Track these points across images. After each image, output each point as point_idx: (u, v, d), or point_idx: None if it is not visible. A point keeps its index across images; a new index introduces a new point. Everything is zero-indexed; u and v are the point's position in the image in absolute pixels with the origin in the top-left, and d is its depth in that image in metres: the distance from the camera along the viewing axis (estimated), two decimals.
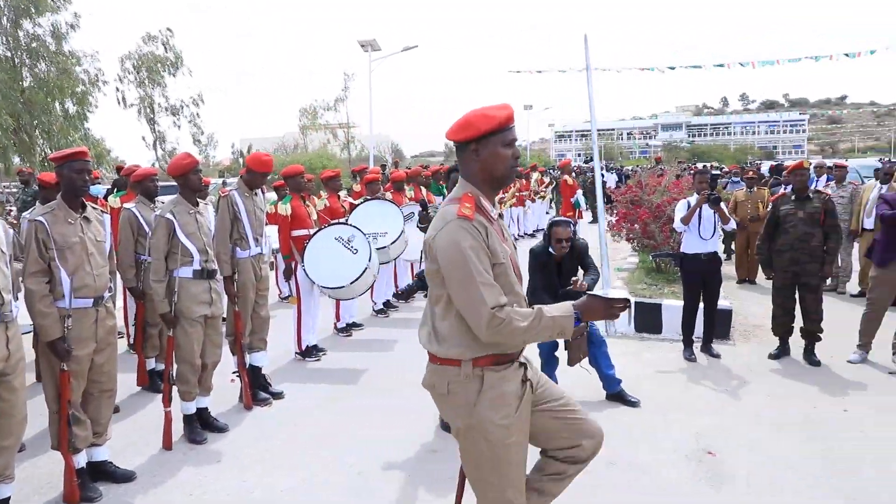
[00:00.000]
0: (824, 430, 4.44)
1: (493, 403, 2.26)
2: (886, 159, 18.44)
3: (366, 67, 25.43)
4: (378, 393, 5.30)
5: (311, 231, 6.14)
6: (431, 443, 4.34)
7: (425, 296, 4.59)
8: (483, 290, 2.12)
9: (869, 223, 8.08)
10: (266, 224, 5.31)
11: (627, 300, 2.26)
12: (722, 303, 6.92)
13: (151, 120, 31.82)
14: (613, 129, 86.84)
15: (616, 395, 4.99)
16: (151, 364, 5.48)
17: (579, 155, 64.84)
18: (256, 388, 5.12)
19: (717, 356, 6.05)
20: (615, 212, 10.32)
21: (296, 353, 6.24)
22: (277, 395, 5.19)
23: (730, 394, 5.18)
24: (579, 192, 12.16)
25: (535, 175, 16.51)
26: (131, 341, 5.99)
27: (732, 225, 6.42)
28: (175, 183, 4.47)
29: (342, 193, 8.02)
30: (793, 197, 6.06)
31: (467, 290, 2.14)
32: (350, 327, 7.26)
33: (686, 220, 5.99)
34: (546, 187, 16.80)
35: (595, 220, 17.70)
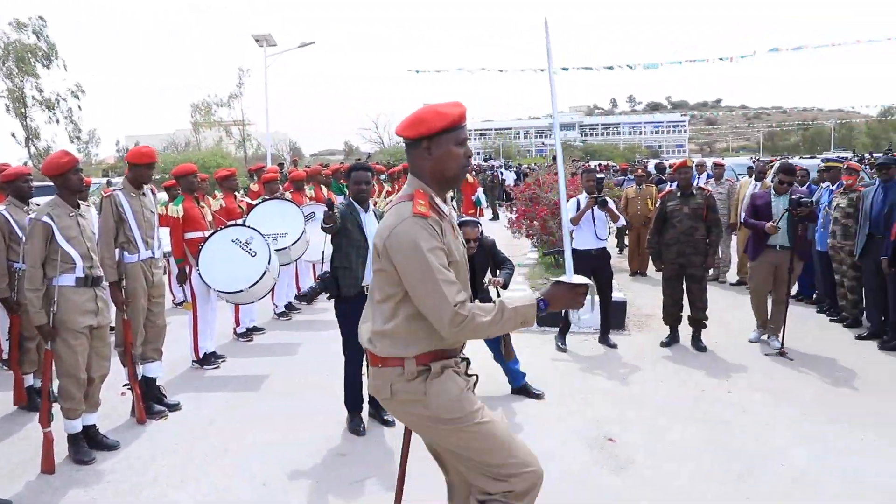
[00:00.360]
0: (712, 413, 4.74)
1: (442, 390, 2.22)
2: (758, 158, 19.99)
3: (261, 63, 24.58)
4: (281, 397, 5.14)
5: (206, 233, 5.87)
6: (339, 446, 4.25)
7: (329, 297, 4.52)
8: (444, 287, 2.08)
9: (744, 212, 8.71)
10: (158, 226, 5.02)
11: (587, 285, 2.25)
12: (617, 295, 7.27)
13: (23, 114, 29.26)
14: (511, 128, 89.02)
15: (521, 388, 5.10)
16: (30, 381, 5.05)
17: (478, 153, 65.98)
18: (150, 400, 4.83)
19: (614, 346, 6.34)
20: (514, 209, 10.58)
21: (193, 361, 5.94)
22: (173, 407, 4.92)
23: (626, 382, 5.43)
24: (480, 189, 12.35)
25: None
26: (5, 357, 5.48)
27: (622, 221, 6.76)
28: (51, 183, 4.12)
29: (238, 193, 7.72)
30: (678, 193, 6.44)
31: (428, 289, 2.09)
32: (250, 332, 7.01)
33: (575, 221, 6.24)
34: None
35: (496, 216, 18.14)
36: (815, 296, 8.02)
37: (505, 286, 5.05)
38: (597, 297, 1.84)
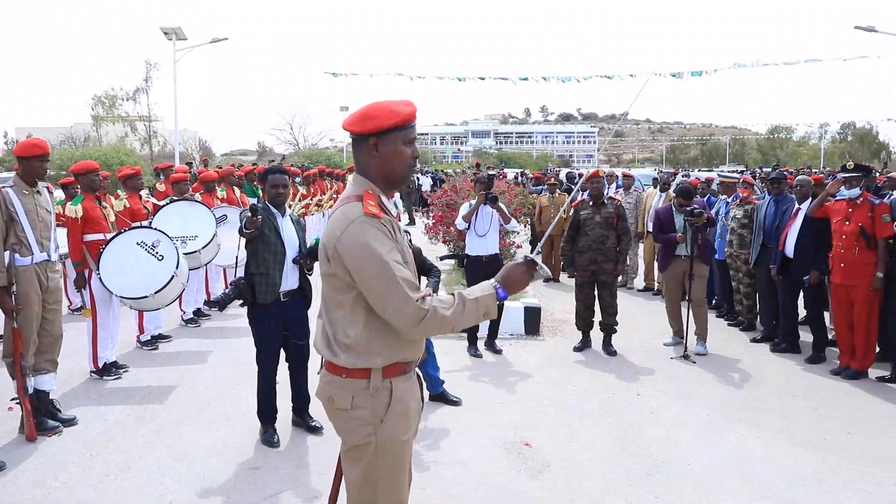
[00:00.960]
0: (622, 415, 4.91)
1: (400, 418, 2.13)
2: (661, 170, 21.03)
3: (170, 57, 23.50)
4: (189, 409, 4.90)
5: (108, 235, 5.52)
6: (251, 459, 4.09)
7: (241, 304, 4.35)
8: (404, 286, 1.99)
9: (651, 226, 9.11)
10: (56, 226, 4.68)
11: (534, 260, 2.20)
12: (531, 301, 7.44)
13: None
14: (427, 134, 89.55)
15: (439, 395, 5.09)
16: None
17: None
18: (43, 415, 4.47)
19: (499, 351, 6.42)
20: (431, 215, 10.62)
21: (91, 371, 5.56)
22: (69, 422, 4.58)
23: (541, 386, 5.54)
24: (396, 195, 12.27)
25: (350, 177, 16.44)
26: None
27: (514, 225, 6.97)
28: None
29: (144, 193, 7.33)
30: (590, 203, 6.66)
31: (387, 290, 1.99)
32: (156, 339, 6.65)
33: (467, 218, 6.37)
34: None
35: (412, 222, 18.17)
36: (713, 301, 8.49)
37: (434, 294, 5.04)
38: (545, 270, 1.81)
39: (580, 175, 12.50)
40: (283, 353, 4.44)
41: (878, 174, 9.15)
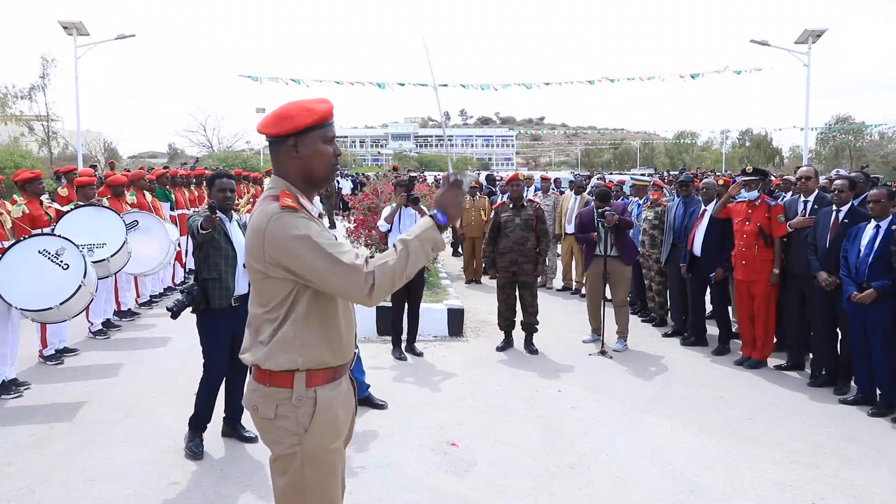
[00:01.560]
0: (545, 411, 5.05)
1: (325, 428, 2.08)
2: (578, 173, 21.75)
3: (71, 53, 22.18)
4: (100, 426, 4.64)
5: (5, 244, 5.17)
6: (171, 475, 3.93)
7: (193, 311, 4.17)
8: (343, 258, 1.95)
9: (570, 228, 9.40)
10: None
11: (459, 179, 2.15)
12: (454, 303, 7.52)
13: None
14: (347, 137, 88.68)
15: (365, 399, 5.07)
16: None
17: None
18: None
19: (420, 354, 6.48)
20: (352, 218, 10.54)
21: None
22: None
23: (466, 386, 5.61)
24: (317, 198, 12.12)
25: (268, 181, 16.08)
26: None
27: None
28: None
29: (45, 198, 6.89)
30: (510, 205, 6.81)
31: (330, 267, 1.94)
32: (61, 353, 6.26)
33: (389, 219, 6.43)
34: None
35: (332, 225, 17.94)
36: (628, 298, 8.85)
37: None
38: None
39: (500, 178, 12.72)
40: None
41: (773, 178, 9.81)
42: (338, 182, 22.11)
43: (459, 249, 12.26)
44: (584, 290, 8.51)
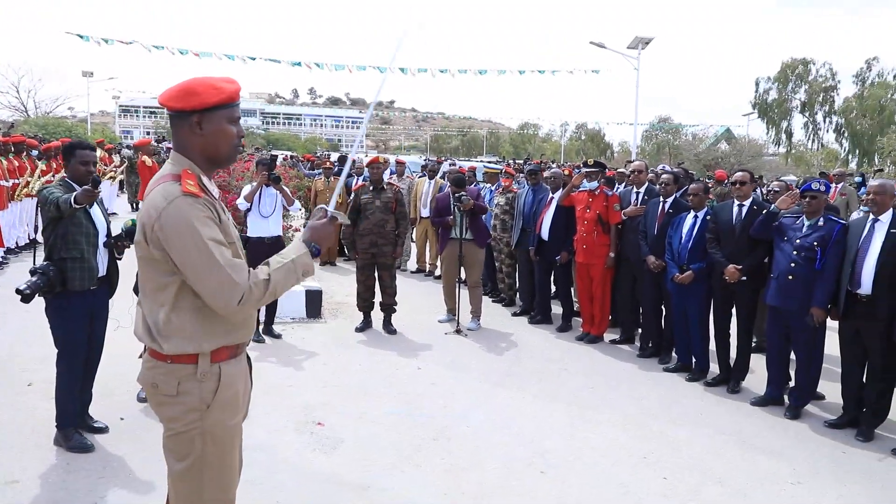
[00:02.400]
0: (406, 389, 5.23)
1: (227, 403, 2.07)
2: (428, 158, 22.20)
3: None
4: None
5: None
6: (7, 471, 3.59)
7: (45, 294, 3.75)
8: (226, 268, 1.92)
9: (425, 212, 9.64)
10: None
11: (336, 216, 2.21)
12: (312, 284, 7.46)
13: None
14: None
15: None
16: None
17: (149, 133, 60.07)
18: None
19: (279, 336, 6.41)
20: None
21: None
22: None
23: (328, 367, 5.64)
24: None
25: (99, 152, 14.74)
26: None
27: (297, 207, 7.03)
28: None
29: None
30: (370, 188, 6.88)
31: (208, 272, 1.91)
32: None
33: (249, 198, 6.30)
34: (116, 168, 15.15)
35: None
36: (481, 280, 9.28)
37: None
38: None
39: (353, 160, 12.68)
40: None
41: (608, 169, 10.72)
42: None
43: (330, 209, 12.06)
44: (437, 273, 8.81)
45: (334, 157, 21.61)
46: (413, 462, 3.99)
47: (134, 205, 14.90)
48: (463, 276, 7.28)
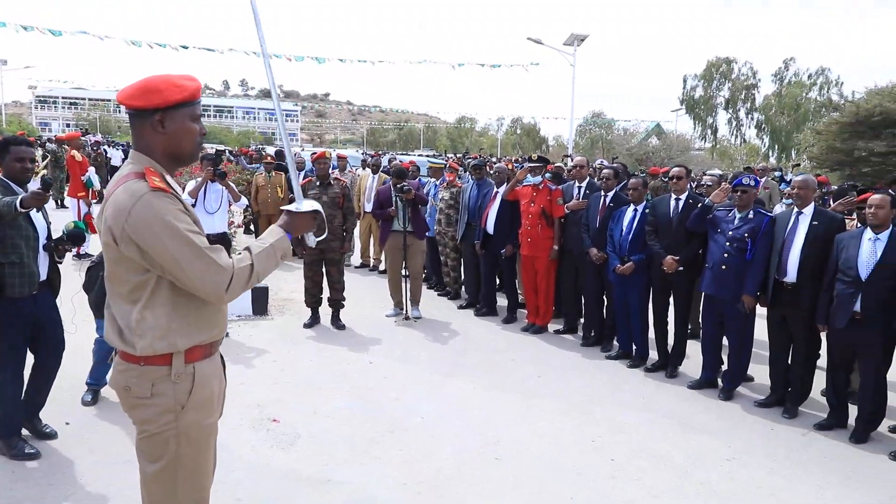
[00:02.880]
0: (358, 383, 5.26)
1: (202, 404, 2.07)
2: (365, 152, 22.08)
3: None
4: None
5: None
6: None
7: None
8: (208, 253, 1.93)
9: (368, 207, 9.64)
10: None
11: (319, 210, 2.26)
12: None
13: None
14: (109, 100, 79.20)
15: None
16: None
17: (69, 125, 57.24)
18: None
19: (226, 335, 6.34)
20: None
21: None
22: None
23: (278, 364, 5.61)
24: (91, 169, 10.86)
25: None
26: None
27: (243, 203, 6.97)
28: None
29: None
30: (318, 183, 6.85)
31: (192, 262, 1.91)
32: None
33: (193, 194, 6.21)
34: (37, 163, 14.41)
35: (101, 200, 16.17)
36: (424, 274, 9.37)
37: None
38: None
39: (295, 154, 12.51)
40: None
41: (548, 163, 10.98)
42: (106, 151, 19.88)
43: (251, 227, 11.86)
44: (382, 267, 8.83)
45: (270, 150, 21.23)
46: (370, 454, 4.04)
47: (59, 202, 14.22)
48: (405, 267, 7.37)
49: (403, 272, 7.23)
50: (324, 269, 6.85)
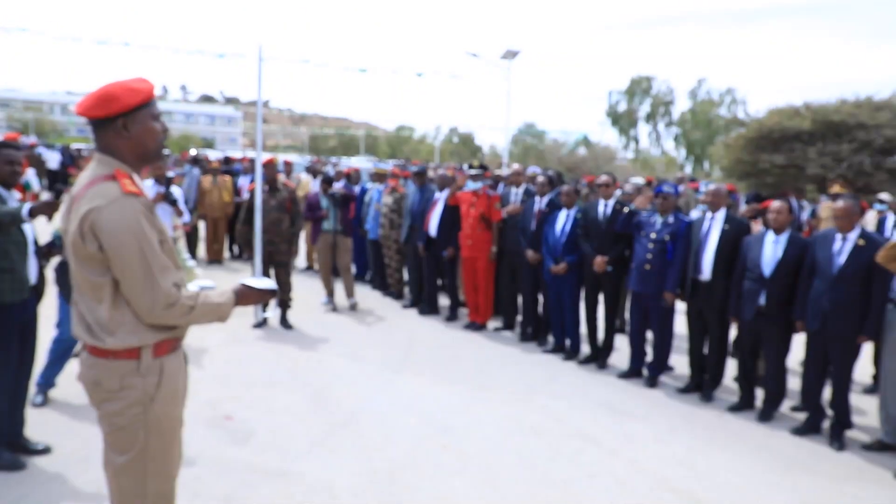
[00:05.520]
0: (309, 380, 5.46)
1: (170, 396, 2.18)
2: (311, 158, 22.09)
3: None
4: None
5: None
6: None
7: None
8: (161, 274, 2.04)
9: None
10: None
11: (276, 290, 2.39)
12: (205, 282, 7.35)
13: None
14: (44, 102, 75.30)
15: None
16: None
17: None
18: None
19: None
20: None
21: None
22: None
23: (230, 364, 5.74)
24: (30, 170, 10.58)
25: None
26: None
27: (186, 217, 7.16)
28: None
29: None
30: (266, 188, 7.02)
31: (144, 274, 2.01)
32: None
33: None
34: None
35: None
36: (368, 276, 9.60)
37: None
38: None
39: (243, 161, 12.49)
40: None
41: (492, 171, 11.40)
42: (41, 154, 19.12)
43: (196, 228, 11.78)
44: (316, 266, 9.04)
45: (213, 155, 20.92)
46: (326, 447, 4.27)
47: None
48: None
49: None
50: (272, 272, 7.01)
